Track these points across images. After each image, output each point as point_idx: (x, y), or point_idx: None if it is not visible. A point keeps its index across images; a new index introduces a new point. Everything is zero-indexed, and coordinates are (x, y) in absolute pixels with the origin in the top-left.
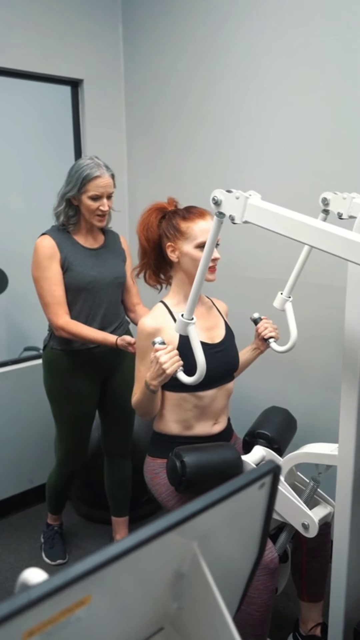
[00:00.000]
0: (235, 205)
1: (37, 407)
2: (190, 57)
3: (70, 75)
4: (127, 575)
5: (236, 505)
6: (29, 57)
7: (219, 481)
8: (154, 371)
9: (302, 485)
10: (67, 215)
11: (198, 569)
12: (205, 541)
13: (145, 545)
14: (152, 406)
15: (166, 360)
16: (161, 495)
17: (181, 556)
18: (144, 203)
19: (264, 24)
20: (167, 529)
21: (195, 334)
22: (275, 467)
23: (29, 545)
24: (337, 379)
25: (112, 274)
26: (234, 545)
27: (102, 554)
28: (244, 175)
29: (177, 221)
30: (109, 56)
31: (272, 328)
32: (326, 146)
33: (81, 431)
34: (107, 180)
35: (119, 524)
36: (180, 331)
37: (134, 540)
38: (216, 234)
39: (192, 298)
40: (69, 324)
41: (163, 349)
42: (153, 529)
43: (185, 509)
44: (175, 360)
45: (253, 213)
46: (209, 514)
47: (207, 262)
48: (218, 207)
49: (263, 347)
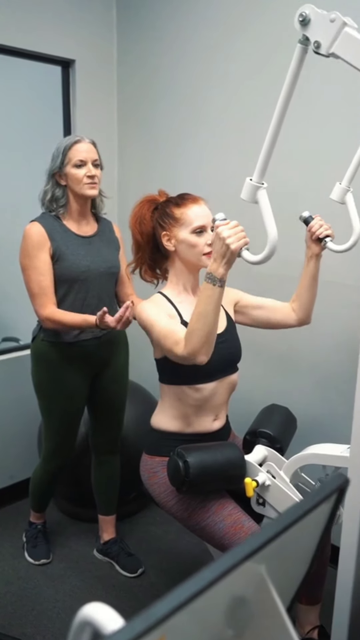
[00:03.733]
0: (327, 30)
1: (18, 401)
2: (184, 41)
3: (62, 55)
4: (200, 610)
5: (304, 522)
6: (19, 33)
7: (222, 482)
8: (217, 251)
9: (306, 486)
10: (54, 196)
11: (265, 594)
12: (271, 563)
13: (225, 577)
14: (217, 319)
15: (230, 235)
16: (160, 495)
17: (246, 582)
18: (135, 189)
19: (263, 4)
20: (247, 556)
21: (266, 200)
22: (344, 482)
23: (10, 544)
24: (336, 376)
25: (106, 263)
26: (293, 562)
27: (181, 592)
28: (240, 160)
29: (171, 209)
30: (102, 38)
31: (327, 226)
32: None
33: (69, 427)
34: (88, 146)
35: (106, 523)
36: (248, 198)
37: (214, 573)
38: (298, 69)
39: (264, 156)
40: (54, 313)
41: (226, 223)
42: (232, 559)
43: (263, 534)
44: (241, 236)
45: (346, 44)
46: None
47: (288, 96)
48: (304, 29)
49: (318, 251)
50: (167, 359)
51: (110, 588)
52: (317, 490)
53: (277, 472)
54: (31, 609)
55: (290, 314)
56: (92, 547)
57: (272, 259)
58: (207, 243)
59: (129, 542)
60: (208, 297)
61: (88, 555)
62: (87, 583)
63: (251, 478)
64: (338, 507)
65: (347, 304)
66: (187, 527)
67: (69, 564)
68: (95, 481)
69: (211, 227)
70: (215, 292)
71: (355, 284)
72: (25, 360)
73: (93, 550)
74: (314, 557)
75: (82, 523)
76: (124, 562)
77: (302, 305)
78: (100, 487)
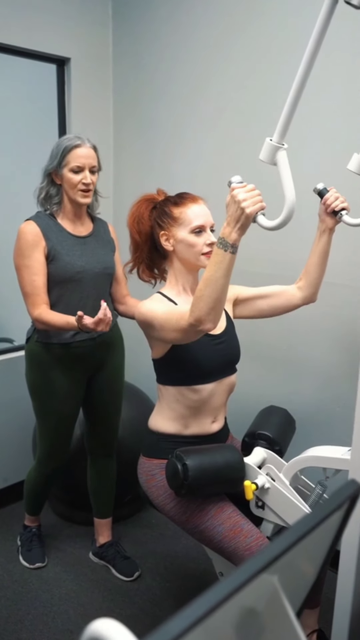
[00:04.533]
0: None
1: (11, 402)
2: (180, 39)
3: (57, 53)
4: (213, 625)
5: (317, 530)
6: (14, 31)
7: (221, 485)
8: (231, 215)
9: (306, 489)
10: (48, 194)
11: (277, 604)
12: (283, 573)
13: (240, 591)
14: (226, 286)
15: (246, 198)
16: (158, 498)
17: (259, 593)
18: (131, 189)
19: (262, 3)
20: (263, 568)
21: (286, 161)
22: (357, 490)
23: (4, 547)
24: (336, 377)
25: (101, 264)
26: (303, 570)
27: (196, 609)
28: (237, 160)
29: (170, 208)
30: (98, 36)
31: (343, 198)
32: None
33: (64, 429)
34: (88, 151)
35: (101, 526)
36: (267, 159)
37: (230, 587)
38: (327, 22)
39: (286, 116)
40: (42, 314)
41: (242, 186)
42: (248, 571)
43: (277, 545)
44: (257, 200)
45: None
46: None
47: (316, 48)
48: None
49: (332, 224)
50: (165, 359)
51: (106, 592)
52: (329, 499)
53: (277, 474)
54: (26, 613)
55: (295, 295)
56: (88, 550)
57: (272, 259)
58: (206, 243)
59: (124, 545)
60: (218, 263)
61: (84, 558)
62: (83, 587)
63: (250, 481)
64: (350, 515)
65: (347, 305)
66: (185, 530)
67: (65, 567)
68: (90, 483)
69: (211, 229)
70: (226, 258)
71: (356, 284)
72: (19, 361)
73: (89, 553)
74: (324, 564)
75: (77, 526)
76: (120, 565)
77: (310, 282)
78: (95, 489)
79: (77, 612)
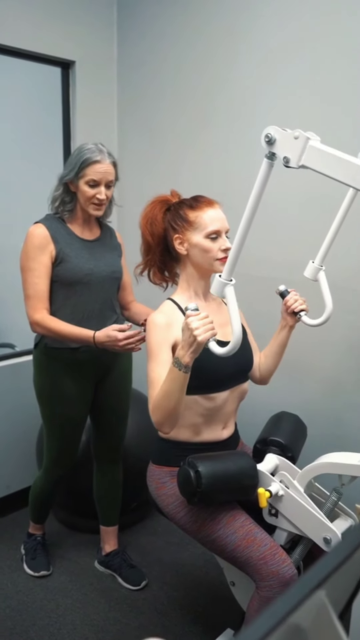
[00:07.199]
0: (293, 146)
1: (14, 409)
2: (185, 42)
3: (62, 56)
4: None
5: None
6: (19, 34)
7: (234, 492)
8: (185, 340)
9: (320, 496)
10: (63, 201)
11: (326, 621)
12: (330, 587)
13: (298, 609)
14: (181, 398)
15: (199, 326)
16: (168, 506)
17: (307, 610)
18: (135, 193)
19: (265, 3)
20: (318, 584)
21: (233, 296)
22: None
23: (8, 556)
24: (346, 383)
25: (109, 267)
26: (346, 580)
27: (252, 633)
28: (242, 162)
29: (185, 211)
30: (103, 39)
31: (302, 300)
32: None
33: (72, 435)
34: (107, 167)
35: (108, 534)
36: (217, 293)
37: (286, 606)
38: (265, 180)
39: (233, 256)
40: (45, 319)
41: (196, 314)
42: (303, 589)
43: (329, 560)
44: (209, 328)
45: (313, 156)
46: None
47: (256, 204)
48: (271, 147)
49: (292, 322)
50: None
51: (113, 602)
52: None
53: (291, 481)
54: (32, 624)
55: (254, 374)
56: (93, 558)
57: (271, 259)
58: (222, 248)
59: (130, 553)
60: (174, 379)
61: (89, 567)
62: (89, 597)
63: (264, 488)
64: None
65: (358, 310)
66: (197, 540)
67: (70, 576)
68: (96, 490)
69: (226, 234)
70: (180, 375)
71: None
72: (22, 367)
73: (94, 562)
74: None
75: (82, 534)
76: (126, 574)
77: (268, 367)
78: (101, 496)
79: (84, 622)
